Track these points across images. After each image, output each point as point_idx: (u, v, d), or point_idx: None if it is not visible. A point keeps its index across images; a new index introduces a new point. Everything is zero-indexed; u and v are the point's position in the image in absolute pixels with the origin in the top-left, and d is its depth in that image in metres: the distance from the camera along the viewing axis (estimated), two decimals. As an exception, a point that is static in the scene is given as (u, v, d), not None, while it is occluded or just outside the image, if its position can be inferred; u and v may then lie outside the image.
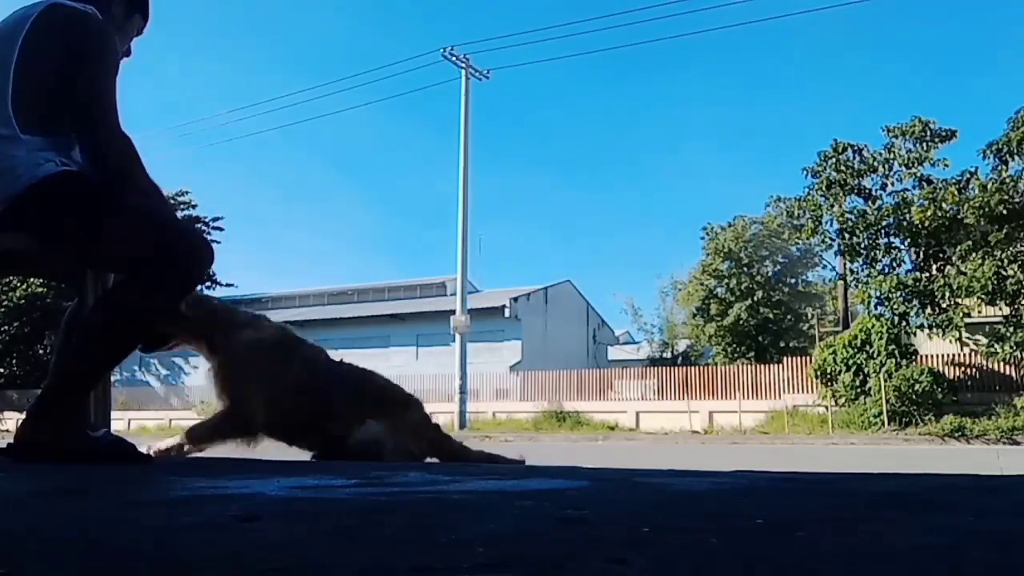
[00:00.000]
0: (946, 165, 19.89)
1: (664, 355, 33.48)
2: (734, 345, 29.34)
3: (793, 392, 20.92)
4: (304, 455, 2.76)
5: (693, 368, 24.55)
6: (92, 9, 2.39)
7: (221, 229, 31.16)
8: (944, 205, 18.26)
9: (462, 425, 21.15)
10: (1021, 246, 17.40)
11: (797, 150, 70.90)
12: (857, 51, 62.63)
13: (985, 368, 18.77)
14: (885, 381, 17.35)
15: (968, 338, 19.08)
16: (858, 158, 20.52)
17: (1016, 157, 17.89)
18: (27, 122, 2.24)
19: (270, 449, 2.38)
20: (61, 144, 2.29)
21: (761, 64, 63.54)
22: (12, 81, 2.24)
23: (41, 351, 30.97)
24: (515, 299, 28.74)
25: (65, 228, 2.27)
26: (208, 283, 23.26)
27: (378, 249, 65.56)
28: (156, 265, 2.20)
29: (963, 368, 19.06)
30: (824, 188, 20.43)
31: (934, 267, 18.98)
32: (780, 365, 22.46)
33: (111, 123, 2.32)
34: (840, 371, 18.86)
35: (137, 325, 2.27)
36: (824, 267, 27.22)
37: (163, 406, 27.03)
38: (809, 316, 29.58)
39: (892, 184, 20.44)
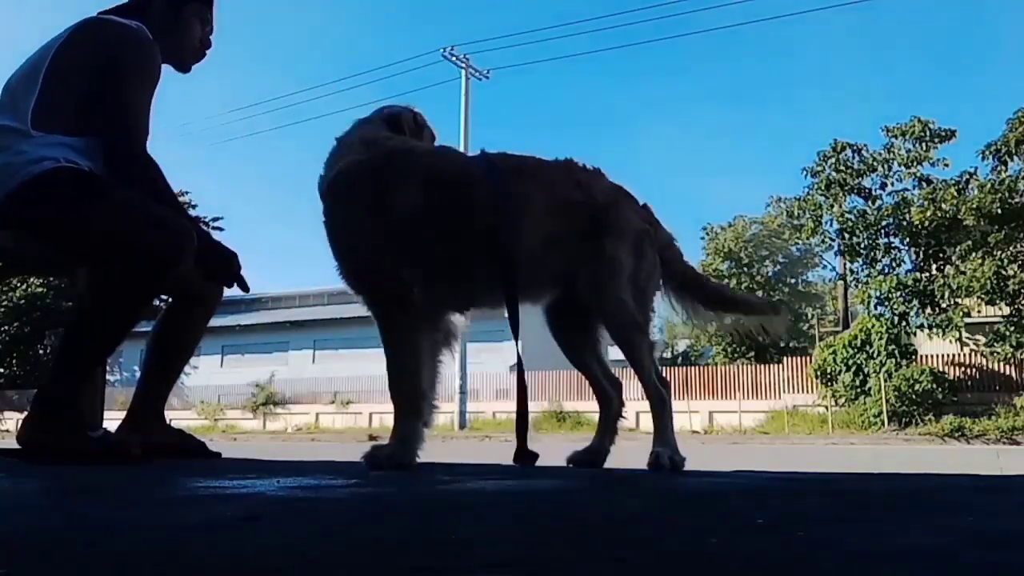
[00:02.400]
0: (946, 165, 19.94)
1: (664, 355, 33.48)
2: (734, 345, 29.34)
3: (793, 392, 20.91)
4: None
5: (693, 368, 24.53)
6: (136, 24, 2.42)
7: (221, 229, 31.10)
8: (944, 205, 18.28)
9: (462, 425, 21.16)
10: (1021, 246, 17.41)
11: (797, 150, 70.91)
12: (857, 51, 62.64)
13: (985, 368, 18.78)
14: (885, 381, 17.35)
15: (968, 338, 19.10)
16: (857, 158, 20.53)
17: (1014, 158, 17.90)
18: (42, 122, 2.27)
19: (270, 449, 2.38)
20: (75, 145, 2.29)
21: (761, 64, 63.54)
22: (40, 84, 2.30)
23: (41, 351, 30.96)
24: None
25: (51, 223, 2.28)
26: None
27: (378, 249, 65.31)
28: (130, 255, 2.19)
29: (963, 368, 19.06)
30: (824, 188, 20.44)
31: (934, 267, 19.00)
32: (780, 365, 22.45)
33: (135, 141, 2.35)
34: (840, 371, 18.86)
35: (115, 317, 2.25)
36: (824, 267, 27.27)
37: (163, 406, 27.00)
38: (809, 316, 29.60)
39: (892, 184, 20.47)
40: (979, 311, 18.33)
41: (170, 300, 2.70)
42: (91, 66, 2.33)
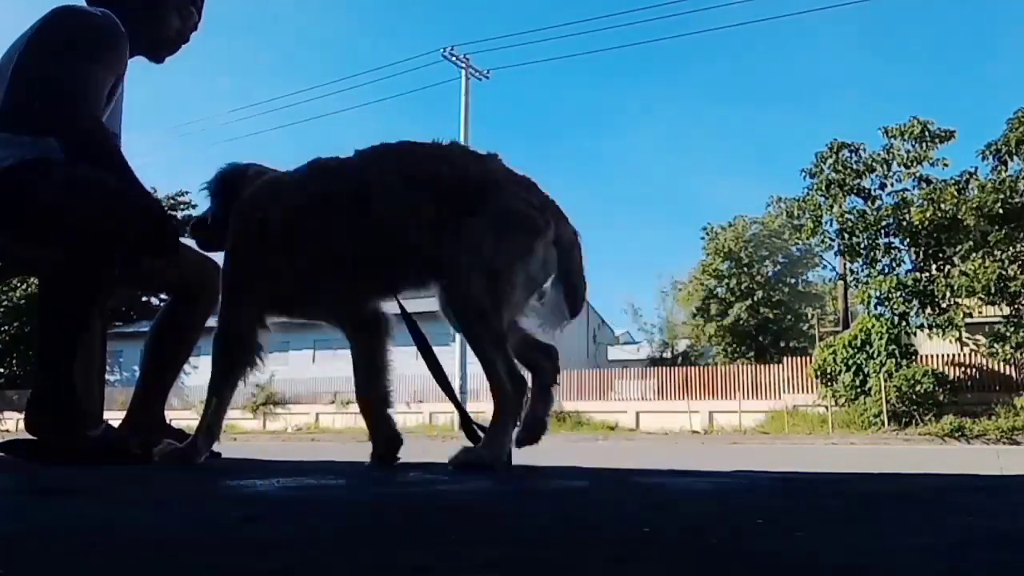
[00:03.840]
0: (945, 165, 19.93)
1: (664, 355, 33.47)
2: (734, 345, 29.36)
3: (793, 392, 20.92)
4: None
5: (693, 368, 24.54)
6: (102, 10, 2.39)
7: (221, 229, 31.06)
8: (943, 205, 18.28)
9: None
10: (1021, 246, 17.40)
11: (798, 150, 70.95)
12: (857, 51, 62.71)
13: (985, 368, 18.78)
14: (885, 381, 17.35)
15: (968, 338, 19.09)
16: (855, 158, 20.53)
17: (1015, 158, 17.90)
18: (11, 122, 2.25)
19: (270, 449, 2.38)
20: (49, 143, 2.27)
21: (761, 64, 63.58)
22: (7, 83, 2.28)
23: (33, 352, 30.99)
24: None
25: (17, 218, 2.26)
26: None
27: (378, 249, 65.40)
28: (79, 231, 2.15)
29: (963, 368, 19.06)
30: (823, 188, 20.44)
31: (934, 267, 18.99)
32: (780, 365, 22.46)
33: (81, 108, 2.26)
34: (840, 371, 18.87)
35: (80, 302, 2.21)
36: (824, 267, 27.24)
37: (163, 406, 27.03)
38: (809, 316, 29.59)
39: (891, 184, 20.46)
40: (979, 311, 18.33)
41: (168, 299, 2.69)
42: (49, 52, 2.28)
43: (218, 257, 2.47)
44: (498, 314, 2.05)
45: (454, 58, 24.01)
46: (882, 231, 19.59)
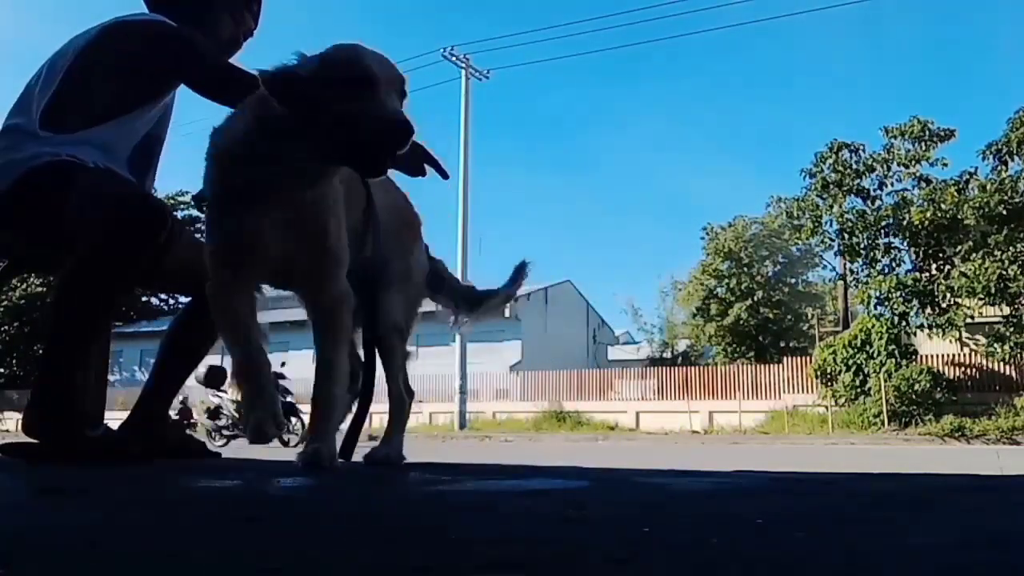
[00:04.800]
0: (945, 165, 19.92)
1: (664, 355, 33.42)
2: (734, 345, 29.32)
3: (793, 392, 20.91)
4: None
5: (693, 368, 24.53)
6: (160, 17, 2.42)
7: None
8: (943, 205, 18.28)
9: (462, 425, 21.16)
10: (1021, 246, 17.40)
11: (798, 150, 70.93)
12: (857, 50, 62.73)
13: (985, 368, 18.77)
14: (885, 381, 17.35)
15: (968, 338, 19.09)
16: (855, 157, 20.52)
17: (1016, 158, 17.90)
18: (52, 121, 2.26)
19: (270, 449, 2.38)
20: (82, 140, 2.28)
21: (761, 64, 63.57)
22: (57, 84, 2.29)
23: (41, 351, 31.00)
24: (515, 299, 28.70)
25: (35, 218, 2.27)
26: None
27: (378, 249, 65.28)
28: (95, 235, 2.15)
29: (963, 368, 19.05)
30: (821, 188, 20.44)
31: (934, 267, 18.99)
32: (780, 365, 22.45)
33: (210, 61, 2.36)
34: (840, 371, 18.86)
35: (93, 310, 2.21)
36: (824, 267, 27.23)
37: (163, 406, 26.90)
38: (809, 316, 29.57)
39: (891, 184, 20.46)
40: (980, 312, 18.33)
41: (190, 300, 2.66)
42: (120, 64, 2.32)
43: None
44: (409, 334, 2.40)
45: (454, 58, 24.02)
46: (882, 231, 19.59)
